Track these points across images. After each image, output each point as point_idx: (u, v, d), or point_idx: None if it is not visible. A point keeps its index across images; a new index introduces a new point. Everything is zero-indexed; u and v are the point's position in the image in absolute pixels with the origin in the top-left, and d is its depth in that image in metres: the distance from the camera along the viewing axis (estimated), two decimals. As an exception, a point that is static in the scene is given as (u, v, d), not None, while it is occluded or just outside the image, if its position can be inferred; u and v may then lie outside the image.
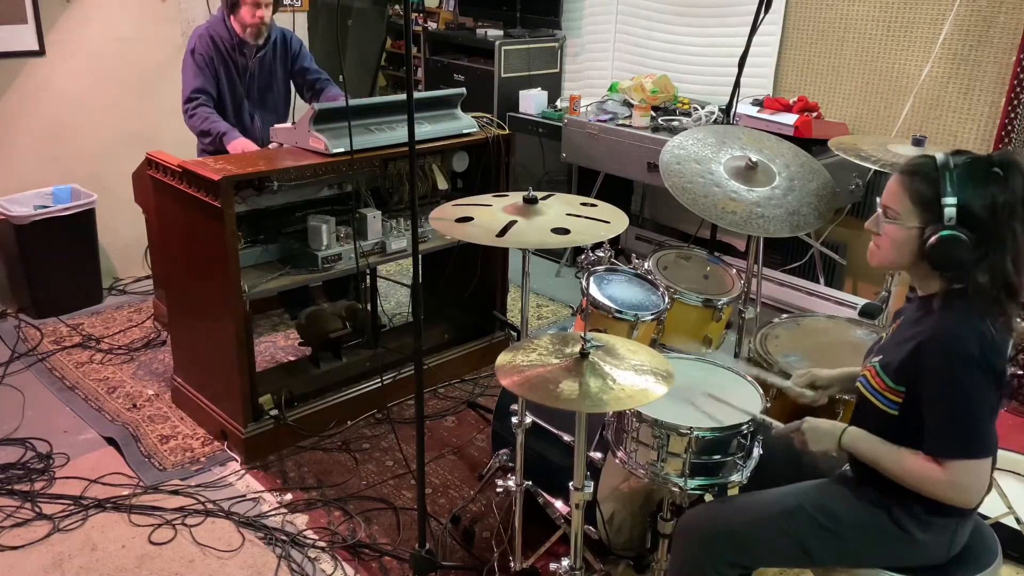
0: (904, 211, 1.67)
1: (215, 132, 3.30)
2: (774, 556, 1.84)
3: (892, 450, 1.69)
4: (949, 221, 1.60)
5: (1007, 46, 3.41)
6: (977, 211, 1.59)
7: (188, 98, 3.37)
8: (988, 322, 1.61)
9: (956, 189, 1.60)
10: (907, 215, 1.66)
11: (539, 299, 4.39)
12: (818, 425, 1.80)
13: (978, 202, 1.59)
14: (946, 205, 1.60)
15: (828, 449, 1.77)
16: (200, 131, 3.35)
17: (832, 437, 1.76)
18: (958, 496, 1.63)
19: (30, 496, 2.72)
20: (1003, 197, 1.59)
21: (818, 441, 1.78)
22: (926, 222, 1.64)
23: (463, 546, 2.56)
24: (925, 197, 1.63)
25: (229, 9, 3.38)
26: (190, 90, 3.37)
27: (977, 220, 1.59)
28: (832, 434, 1.76)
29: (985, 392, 1.60)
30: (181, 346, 3.22)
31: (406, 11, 2.30)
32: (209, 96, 3.39)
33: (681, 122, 4.07)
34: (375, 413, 3.25)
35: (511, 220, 2.05)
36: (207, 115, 3.34)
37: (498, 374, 1.75)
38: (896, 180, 1.70)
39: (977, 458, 1.61)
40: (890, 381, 1.70)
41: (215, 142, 3.31)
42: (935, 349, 1.62)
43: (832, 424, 1.79)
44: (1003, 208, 1.59)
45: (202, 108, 3.35)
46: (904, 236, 1.67)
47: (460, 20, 5.65)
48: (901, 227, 1.67)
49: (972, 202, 1.60)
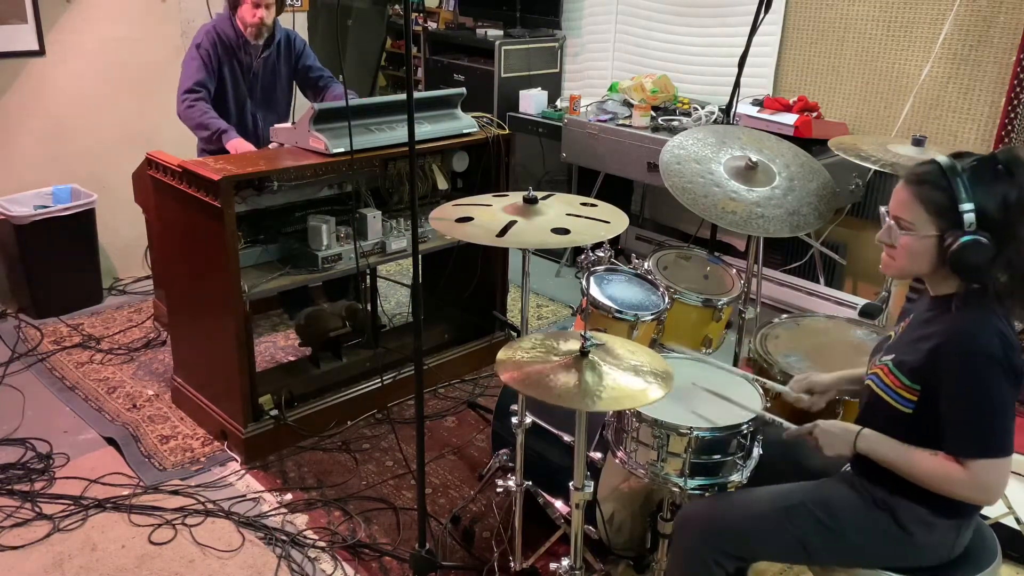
0: (918, 221, 1.65)
1: (214, 128, 3.30)
2: (772, 550, 1.83)
3: (910, 451, 1.67)
4: (969, 227, 1.59)
5: (1007, 46, 3.41)
6: (992, 212, 1.59)
7: (188, 89, 3.35)
8: (1005, 320, 1.61)
9: (970, 193, 1.59)
10: (922, 224, 1.65)
11: (539, 299, 4.39)
12: (831, 428, 1.78)
13: (991, 203, 1.59)
14: (964, 211, 1.59)
15: (843, 453, 1.75)
16: (197, 124, 3.34)
17: (847, 441, 1.74)
18: (980, 495, 1.62)
19: (30, 496, 2.72)
20: (1014, 194, 1.59)
21: (832, 445, 1.76)
22: (942, 229, 1.62)
23: (463, 546, 2.56)
24: (940, 205, 1.62)
25: (232, 7, 3.39)
26: (191, 82, 3.35)
27: (993, 221, 1.59)
28: (846, 438, 1.74)
29: (1006, 390, 1.59)
30: (181, 346, 3.23)
31: (406, 11, 2.30)
32: (208, 92, 3.39)
33: (681, 122, 4.07)
34: (375, 413, 3.25)
35: (511, 220, 2.05)
36: (206, 110, 3.34)
37: (498, 369, 1.75)
38: (905, 190, 1.67)
39: (999, 457, 1.60)
40: (906, 379, 1.69)
41: (212, 138, 3.31)
42: (955, 349, 1.61)
43: (845, 427, 1.77)
44: (1015, 205, 1.60)
45: (200, 102, 3.34)
46: (921, 246, 1.66)
47: (460, 20, 5.65)
48: (917, 237, 1.66)
49: (986, 204, 1.59)
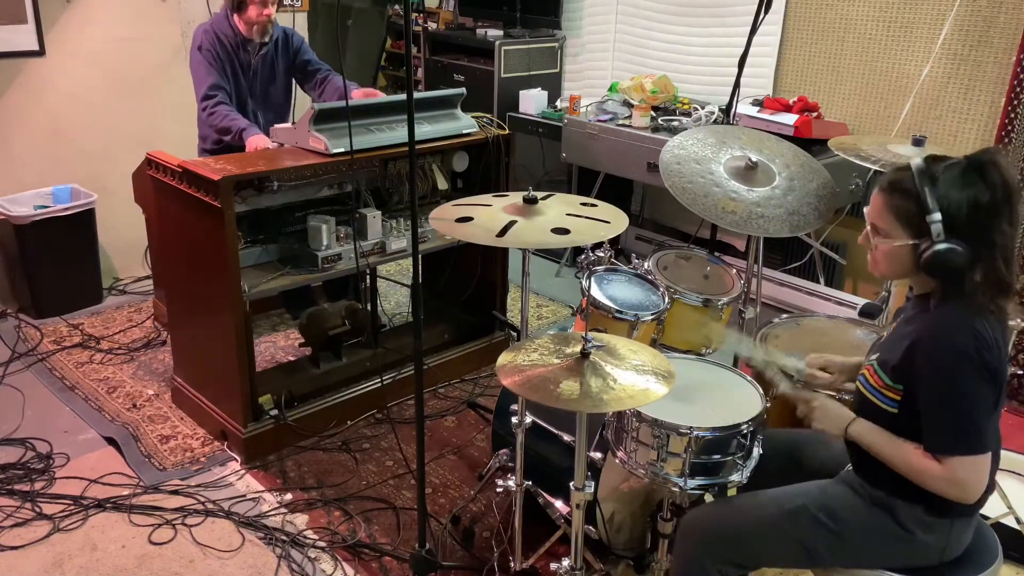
0: (891, 228, 1.67)
1: (235, 129, 3.28)
2: (776, 556, 1.84)
3: (896, 443, 1.69)
4: (938, 237, 1.60)
5: (1007, 46, 3.41)
6: (962, 219, 1.59)
7: (205, 95, 3.34)
8: (982, 319, 1.61)
9: (937, 203, 1.59)
10: (895, 232, 1.66)
11: (539, 299, 4.39)
12: (829, 405, 1.80)
13: (962, 210, 1.59)
14: (932, 222, 1.60)
15: (830, 432, 1.77)
16: (221, 128, 3.32)
17: (839, 423, 1.76)
18: (956, 492, 1.63)
19: (30, 496, 2.72)
20: (985, 198, 1.59)
21: (824, 421, 1.79)
22: (915, 237, 1.64)
23: (463, 546, 2.56)
24: (909, 213, 1.63)
25: (235, 8, 3.37)
26: (206, 87, 3.34)
27: (964, 227, 1.60)
28: (840, 421, 1.76)
29: (980, 388, 1.60)
30: (181, 346, 3.22)
31: (406, 11, 2.31)
32: (225, 91, 3.38)
33: (681, 122, 4.07)
34: (375, 413, 3.25)
35: (511, 220, 2.05)
36: (227, 112, 3.32)
37: (499, 374, 1.75)
38: (878, 197, 1.69)
39: (974, 454, 1.61)
40: (888, 379, 1.70)
41: (234, 139, 3.29)
42: (929, 346, 1.63)
43: (843, 410, 1.79)
44: (987, 210, 1.60)
45: (221, 106, 3.33)
46: (897, 252, 1.67)
47: (460, 20, 5.65)
48: (891, 244, 1.67)
49: (956, 211, 1.59)
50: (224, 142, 3.36)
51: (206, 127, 3.43)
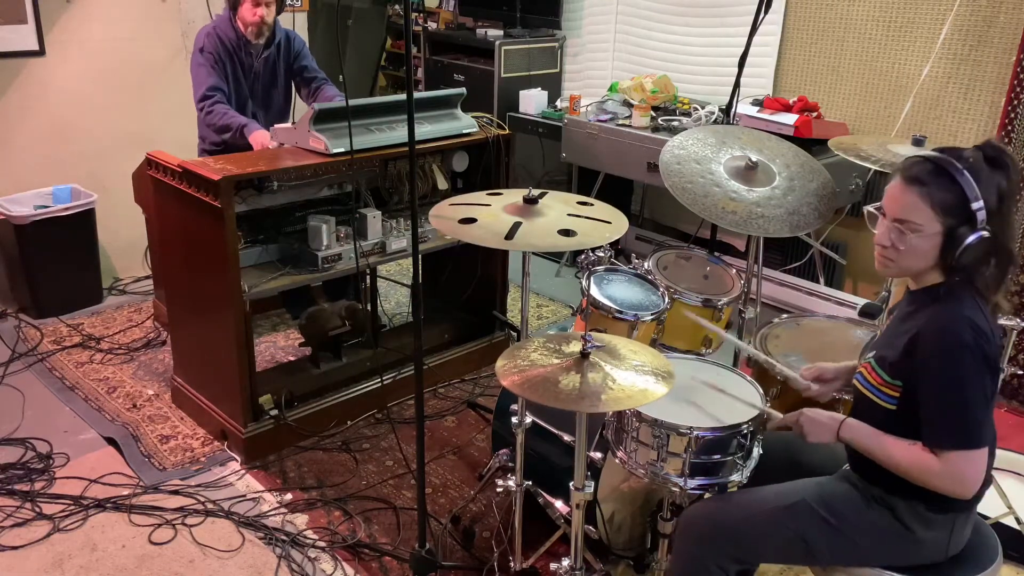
0: (926, 221, 1.65)
1: (235, 126, 3.29)
2: (776, 552, 1.84)
3: (889, 441, 1.69)
4: (982, 223, 1.61)
5: (1007, 46, 3.41)
6: (993, 205, 1.62)
7: (203, 96, 3.36)
8: (980, 312, 1.63)
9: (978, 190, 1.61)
10: (929, 223, 1.65)
11: (539, 299, 4.39)
12: (817, 416, 1.80)
13: (992, 196, 1.62)
14: (976, 209, 1.61)
15: (826, 441, 1.77)
16: (220, 127, 3.33)
17: (830, 430, 1.76)
18: (955, 487, 1.63)
19: (30, 496, 2.72)
20: (1006, 185, 1.63)
21: (816, 433, 1.79)
22: (950, 226, 1.63)
23: (463, 546, 2.56)
24: (950, 204, 1.62)
25: (232, 7, 3.39)
26: (204, 88, 3.35)
27: (993, 214, 1.62)
28: (831, 426, 1.77)
29: (979, 380, 1.60)
30: (181, 346, 3.22)
31: (406, 11, 2.31)
32: (223, 93, 3.39)
33: (681, 122, 4.07)
34: (375, 413, 3.25)
35: (516, 221, 2.04)
36: (224, 111, 3.33)
37: (499, 374, 1.75)
38: (908, 191, 1.66)
39: (973, 448, 1.61)
40: (887, 376, 1.70)
41: (236, 136, 3.30)
42: (928, 340, 1.63)
43: (830, 416, 1.79)
44: (1008, 196, 1.63)
45: (218, 105, 3.34)
46: (928, 244, 1.66)
47: (460, 20, 5.65)
48: (924, 236, 1.66)
49: (989, 198, 1.62)
50: (225, 142, 3.36)
51: (206, 127, 3.44)
